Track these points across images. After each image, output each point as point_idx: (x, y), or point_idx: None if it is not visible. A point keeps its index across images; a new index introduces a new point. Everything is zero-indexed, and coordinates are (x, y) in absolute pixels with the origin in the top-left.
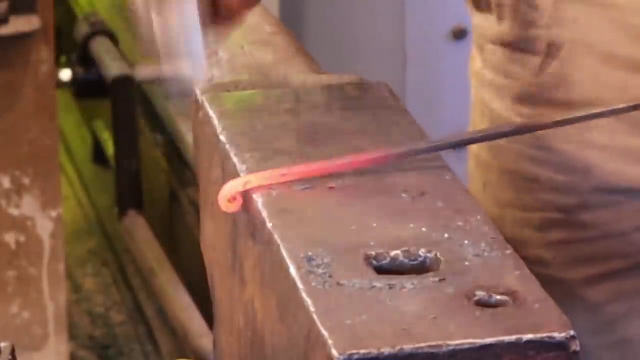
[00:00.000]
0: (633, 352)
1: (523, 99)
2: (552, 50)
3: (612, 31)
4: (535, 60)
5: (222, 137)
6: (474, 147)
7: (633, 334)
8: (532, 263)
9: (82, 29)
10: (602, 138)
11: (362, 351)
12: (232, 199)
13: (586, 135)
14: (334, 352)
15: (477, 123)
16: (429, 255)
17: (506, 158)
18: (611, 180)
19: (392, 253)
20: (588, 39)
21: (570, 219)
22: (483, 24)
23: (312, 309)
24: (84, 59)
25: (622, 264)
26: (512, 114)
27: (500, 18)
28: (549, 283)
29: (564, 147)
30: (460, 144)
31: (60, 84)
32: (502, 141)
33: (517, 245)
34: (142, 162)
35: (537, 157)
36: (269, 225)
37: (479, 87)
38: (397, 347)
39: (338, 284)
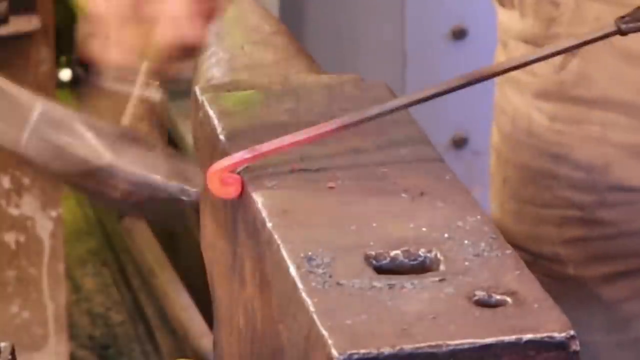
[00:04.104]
0: None
1: (543, 95)
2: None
3: None
4: (556, 58)
5: (222, 137)
6: (495, 143)
7: None
8: (550, 260)
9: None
10: (620, 136)
11: (362, 351)
12: (226, 182)
13: (605, 133)
14: (334, 352)
15: (500, 119)
16: (429, 255)
17: (526, 154)
18: (629, 178)
19: (392, 253)
20: (609, 38)
21: (587, 217)
22: (507, 20)
23: (312, 309)
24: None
25: (639, 263)
26: (533, 110)
27: (522, 15)
28: (565, 280)
29: (583, 145)
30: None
31: (60, 84)
32: (521, 138)
33: (535, 241)
34: None
35: (556, 154)
36: (269, 225)
37: (502, 82)
38: (397, 347)
39: (338, 284)
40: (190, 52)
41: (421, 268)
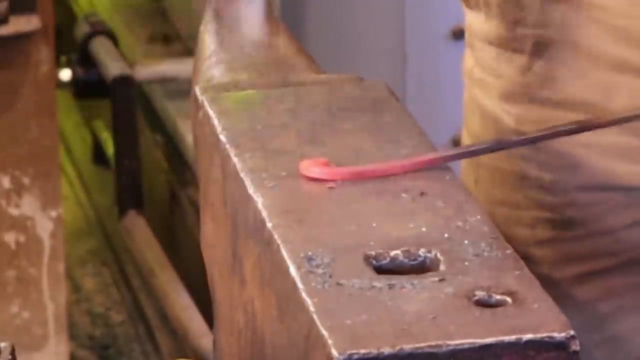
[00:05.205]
0: (622, 350)
1: (510, 97)
2: (538, 49)
3: (598, 32)
4: (522, 59)
5: (222, 137)
6: (465, 144)
7: (622, 331)
8: (524, 261)
9: (82, 29)
10: (589, 136)
11: (362, 351)
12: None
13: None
14: (334, 352)
15: (469, 120)
16: (429, 255)
17: (496, 156)
18: (598, 178)
19: (392, 253)
20: (574, 39)
21: (558, 217)
22: (473, 22)
23: (312, 309)
24: (84, 59)
25: (611, 262)
26: (500, 112)
27: (488, 16)
28: (539, 281)
29: (552, 145)
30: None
31: (60, 84)
32: (490, 139)
33: (508, 242)
34: (142, 162)
35: (525, 155)
36: (269, 225)
37: (470, 85)
38: (397, 347)
39: (338, 284)
40: None
41: (421, 268)
